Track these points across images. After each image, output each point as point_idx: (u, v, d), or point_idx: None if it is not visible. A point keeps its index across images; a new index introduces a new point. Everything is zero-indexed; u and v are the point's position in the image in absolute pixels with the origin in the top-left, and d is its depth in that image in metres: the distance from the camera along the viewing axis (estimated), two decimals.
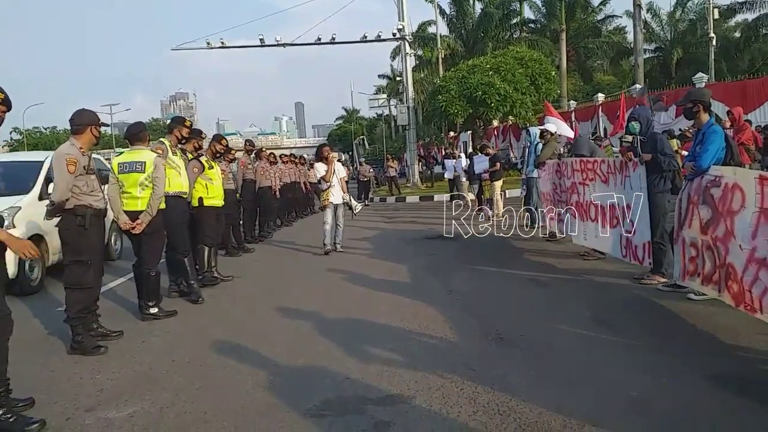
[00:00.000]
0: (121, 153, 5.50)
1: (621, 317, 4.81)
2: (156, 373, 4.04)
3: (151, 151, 5.50)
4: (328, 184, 9.09)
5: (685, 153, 8.39)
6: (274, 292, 6.53)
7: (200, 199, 6.96)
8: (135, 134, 5.46)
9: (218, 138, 7.96)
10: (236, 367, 4.06)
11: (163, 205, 5.49)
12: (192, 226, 6.76)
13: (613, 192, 6.06)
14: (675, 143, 10.97)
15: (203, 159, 7.09)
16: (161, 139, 6.16)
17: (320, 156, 9.38)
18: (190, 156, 6.83)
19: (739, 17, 32.80)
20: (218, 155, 7.73)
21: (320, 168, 9.20)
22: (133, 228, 5.21)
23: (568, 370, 3.71)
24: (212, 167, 7.22)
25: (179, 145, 6.46)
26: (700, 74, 18.72)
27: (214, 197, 7.18)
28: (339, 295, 6.20)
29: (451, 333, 4.57)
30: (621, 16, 35.54)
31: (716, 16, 26.99)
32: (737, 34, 34.02)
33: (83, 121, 4.54)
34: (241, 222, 10.58)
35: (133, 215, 5.24)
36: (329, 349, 4.32)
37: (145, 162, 5.24)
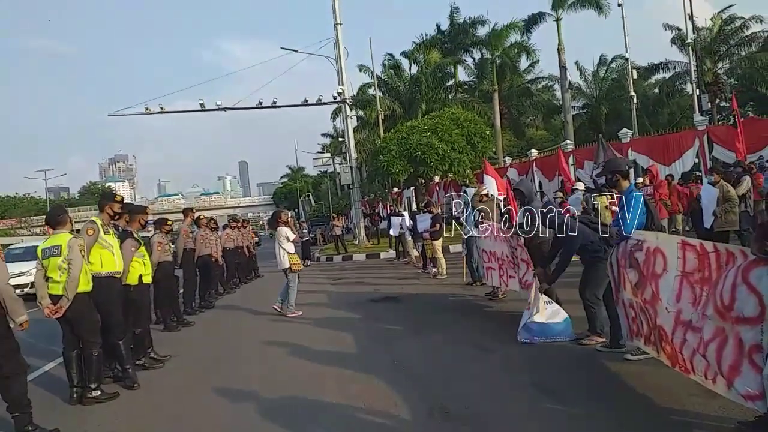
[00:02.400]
0: (47, 239, 5.36)
1: (563, 382, 4.86)
2: None
3: (69, 233, 5.37)
4: (296, 246, 9.81)
5: (615, 208, 8.83)
6: (213, 372, 6.28)
7: (140, 277, 6.73)
8: (55, 219, 5.41)
9: (142, 209, 7.54)
10: None
11: (88, 287, 5.38)
12: (127, 307, 6.50)
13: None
14: (605, 199, 11.52)
15: (136, 235, 6.90)
16: (92, 218, 5.97)
17: (279, 221, 9.86)
18: (136, 232, 6.73)
19: (657, 75, 35.46)
20: (145, 226, 7.53)
21: (289, 232, 9.63)
22: (55, 313, 5.13)
23: None
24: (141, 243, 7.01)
25: (112, 222, 6.29)
26: (624, 130, 19.98)
27: (149, 274, 6.96)
28: (282, 372, 6.03)
29: (396, 409, 4.50)
30: (547, 78, 37.85)
31: (635, 76, 29.08)
32: (656, 91, 36.70)
33: None
34: (180, 292, 10.28)
35: (57, 299, 5.17)
36: None
37: (60, 245, 5.18)
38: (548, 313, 6.28)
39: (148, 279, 6.89)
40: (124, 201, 6.51)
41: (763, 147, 14.34)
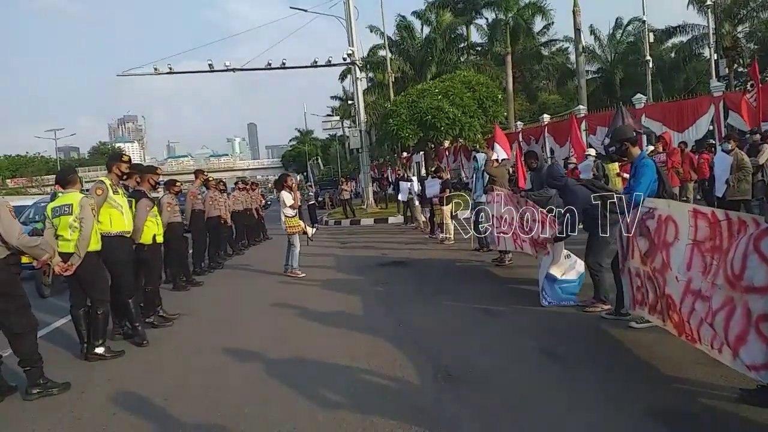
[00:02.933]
0: (56, 198, 5.39)
1: (567, 348, 4.89)
2: (95, 430, 3.87)
3: (81, 192, 5.42)
4: (295, 211, 9.86)
5: (626, 175, 8.72)
6: (221, 332, 6.38)
7: (153, 237, 6.78)
8: (65, 179, 5.43)
9: (152, 169, 7.60)
10: (179, 420, 3.92)
11: (97, 246, 5.44)
12: (139, 266, 6.59)
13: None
14: (615, 166, 11.37)
15: (149, 195, 6.93)
16: (101, 178, 5.98)
17: (283, 185, 9.94)
18: (148, 192, 6.77)
19: (674, 39, 34.56)
20: (156, 187, 7.54)
21: (287, 197, 9.75)
22: (65, 270, 5.18)
23: (515, 409, 3.75)
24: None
25: (121, 182, 6.31)
26: (638, 95, 19.58)
27: (161, 234, 7.01)
28: (289, 333, 6.10)
29: (401, 372, 4.55)
30: (563, 40, 36.94)
31: (651, 39, 28.35)
32: (673, 55, 35.84)
33: None
34: (190, 253, 10.37)
35: (66, 257, 5.22)
36: (278, 395, 4.24)
37: (72, 204, 5.22)
38: (566, 266, 6.35)
39: (160, 239, 6.99)
40: (132, 161, 6.51)
41: None
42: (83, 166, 76.16)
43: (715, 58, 25.68)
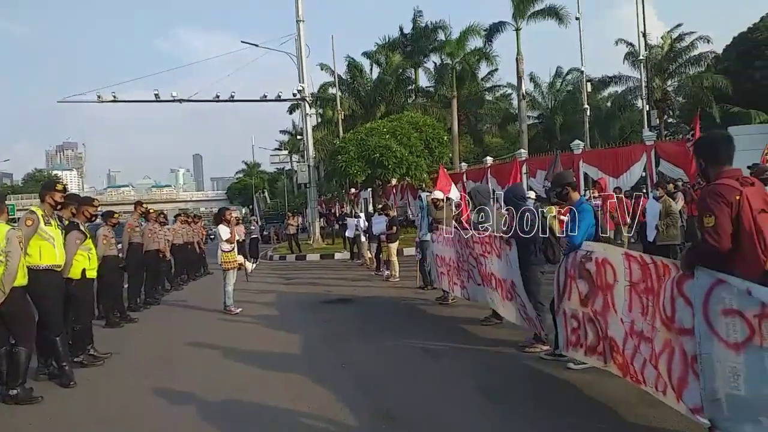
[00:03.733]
0: None
1: (508, 388, 4.93)
2: None
3: (7, 223, 5.12)
4: (232, 246, 9.58)
5: (563, 218, 9.06)
6: (155, 372, 6.10)
7: (83, 271, 6.46)
8: None
9: (89, 200, 7.33)
10: None
11: (24, 281, 5.12)
12: (69, 302, 6.27)
13: (503, 266, 6.36)
14: (553, 209, 11.78)
15: (83, 228, 6.64)
16: (33, 208, 5.70)
17: (222, 218, 9.71)
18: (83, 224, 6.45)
19: (610, 89, 36.64)
20: (93, 218, 7.26)
21: (224, 231, 9.48)
22: None
23: None
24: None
25: (56, 213, 6.03)
26: (577, 141, 20.50)
27: (94, 268, 6.72)
28: (227, 373, 5.91)
29: (342, 414, 4.47)
30: (506, 86, 38.50)
31: (589, 89, 29.93)
32: (609, 104, 37.88)
33: None
34: (125, 288, 9.97)
35: None
36: None
37: None
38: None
39: (92, 273, 6.65)
40: (67, 190, 6.25)
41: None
42: (16, 194, 72.43)
43: (647, 109, 27.27)
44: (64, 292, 5.97)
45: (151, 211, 11.76)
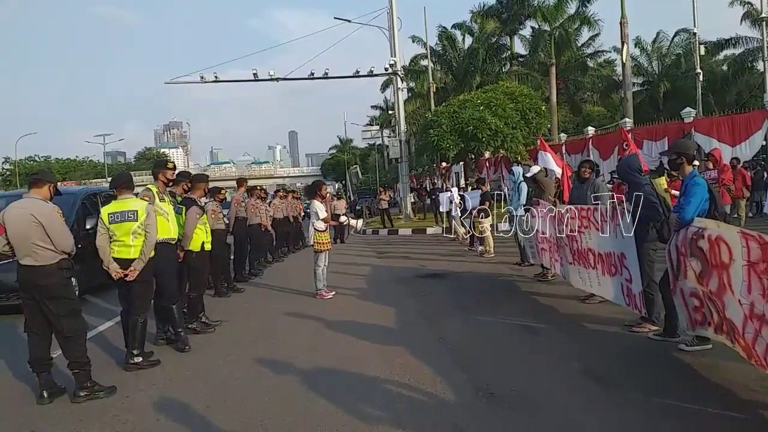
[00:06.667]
0: (111, 203, 5.50)
1: (613, 370, 4.72)
2: None
3: (140, 198, 5.53)
4: (326, 226, 8.79)
5: (674, 192, 8.44)
6: (262, 341, 6.39)
7: (202, 244, 6.91)
8: (123, 184, 5.52)
9: (204, 178, 7.62)
10: (220, 428, 3.96)
11: (152, 253, 5.49)
12: (187, 272, 6.74)
13: (607, 239, 6.02)
14: (663, 180, 11.02)
15: (200, 203, 7.06)
16: (148, 186, 6.13)
17: (315, 193, 8.87)
18: (179, 199, 6.81)
19: (726, 51, 33.50)
20: (206, 195, 7.70)
21: (320, 208, 8.68)
22: (126, 275, 5.27)
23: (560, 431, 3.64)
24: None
25: (168, 189, 6.43)
26: (688, 109, 18.99)
27: (209, 241, 7.14)
28: (327, 345, 6.08)
29: (440, 388, 4.48)
30: (609, 51, 36.19)
31: (703, 52, 27.51)
32: (724, 68, 34.71)
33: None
34: (231, 260, 10.53)
35: (125, 263, 5.31)
36: (317, 409, 4.22)
37: (137, 210, 5.33)
38: None
39: (208, 246, 7.08)
40: (176, 168, 6.64)
41: None
42: (130, 170, 78.63)
43: None
44: (177, 263, 6.40)
45: (258, 187, 12.33)
